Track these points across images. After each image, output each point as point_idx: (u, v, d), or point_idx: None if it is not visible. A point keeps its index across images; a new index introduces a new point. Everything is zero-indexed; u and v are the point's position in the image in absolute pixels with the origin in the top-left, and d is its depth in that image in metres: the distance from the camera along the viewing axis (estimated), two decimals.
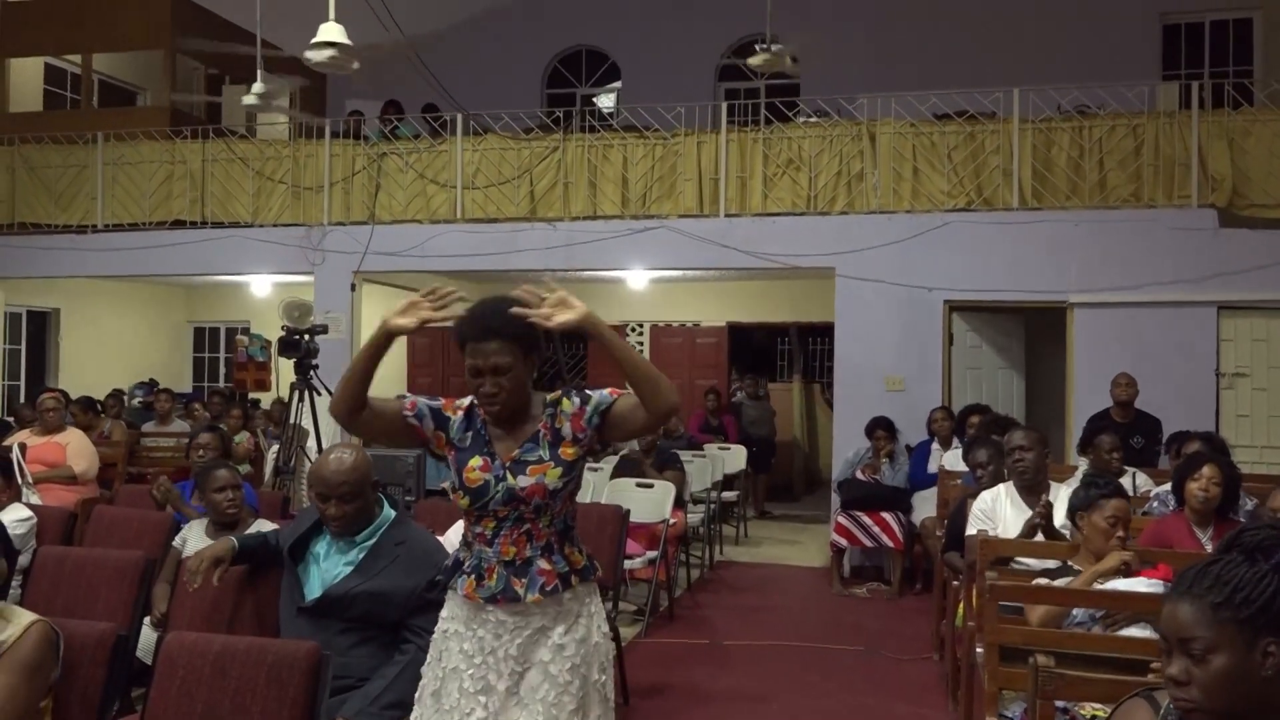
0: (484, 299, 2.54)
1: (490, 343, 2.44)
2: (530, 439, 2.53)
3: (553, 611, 2.49)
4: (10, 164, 10.63)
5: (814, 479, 12.53)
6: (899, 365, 8.37)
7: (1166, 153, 8.15)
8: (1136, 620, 3.18)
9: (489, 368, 2.45)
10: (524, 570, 2.47)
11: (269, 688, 2.55)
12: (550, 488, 2.48)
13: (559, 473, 2.50)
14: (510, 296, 2.49)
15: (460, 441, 2.57)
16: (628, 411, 2.52)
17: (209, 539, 4.26)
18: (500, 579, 2.47)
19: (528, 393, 2.56)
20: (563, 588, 2.49)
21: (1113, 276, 7.98)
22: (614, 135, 9.55)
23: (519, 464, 2.49)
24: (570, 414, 2.53)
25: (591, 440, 2.55)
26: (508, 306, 2.46)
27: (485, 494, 2.48)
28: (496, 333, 2.44)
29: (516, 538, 2.49)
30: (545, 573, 2.48)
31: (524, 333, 2.46)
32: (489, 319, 2.47)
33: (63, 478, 6.51)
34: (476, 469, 2.50)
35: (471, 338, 2.47)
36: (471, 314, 2.51)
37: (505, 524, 2.49)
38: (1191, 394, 7.71)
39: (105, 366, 11.82)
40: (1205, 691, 1.71)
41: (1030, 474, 4.54)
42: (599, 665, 2.54)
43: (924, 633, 6.13)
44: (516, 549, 2.48)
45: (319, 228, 9.77)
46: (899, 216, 8.51)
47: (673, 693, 5.16)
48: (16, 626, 2.44)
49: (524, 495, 2.47)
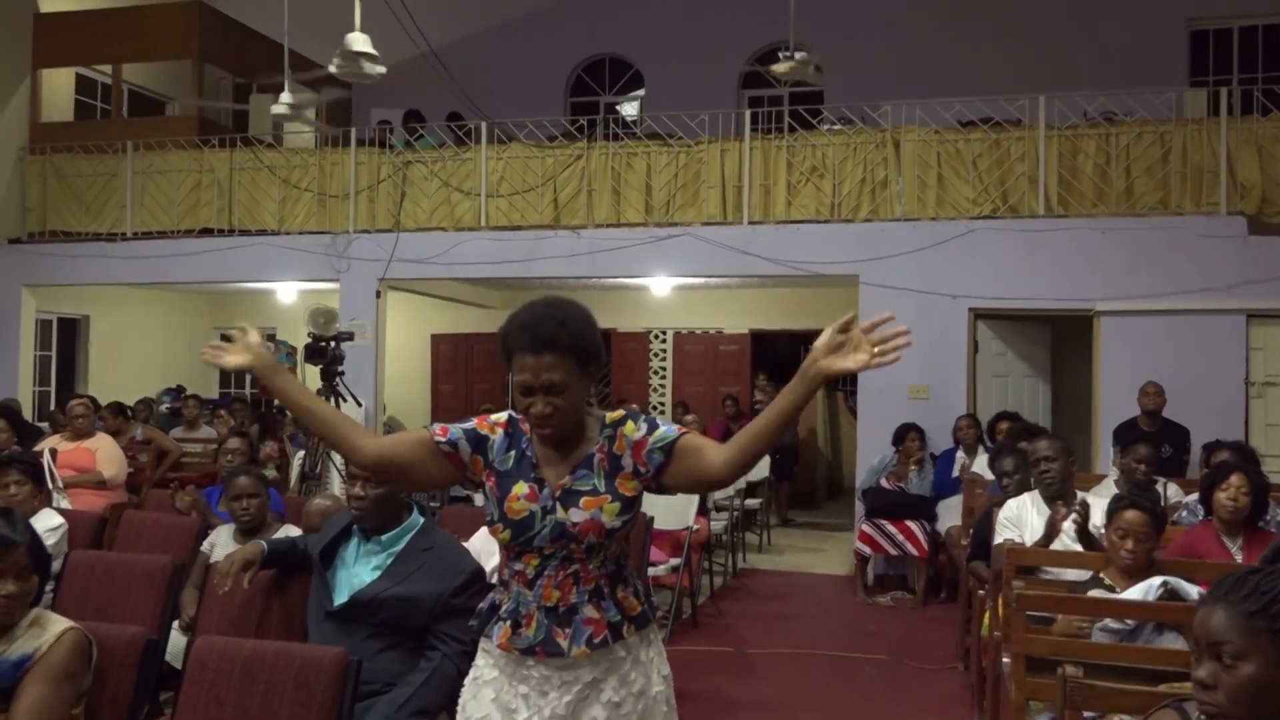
0: (533, 303, 2.20)
1: (544, 355, 2.09)
2: (584, 464, 2.18)
3: (604, 664, 2.17)
4: (42, 173, 10.78)
5: (837, 487, 12.49)
6: (923, 373, 8.33)
7: (1195, 160, 8.09)
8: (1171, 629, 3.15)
9: (541, 385, 2.10)
10: (568, 619, 2.15)
11: (297, 692, 2.56)
12: (607, 526, 2.14)
13: (616, 509, 2.15)
14: (562, 299, 2.20)
15: (501, 463, 2.22)
16: (692, 451, 2.15)
17: (236, 543, 4.30)
18: (540, 627, 2.15)
19: (583, 412, 2.21)
20: (613, 639, 2.16)
21: (1140, 284, 7.91)
22: (637, 143, 9.57)
23: (571, 494, 2.15)
24: (633, 441, 2.18)
25: (651, 479, 2.18)
26: (562, 311, 2.15)
27: (530, 527, 2.15)
28: (551, 344, 2.10)
29: (562, 580, 2.15)
30: (593, 622, 2.15)
31: (583, 343, 2.14)
32: (542, 327, 2.12)
33: (92, 482, 6.58)
34: (521, 498, 2.16)
35: (521, 349, 2.13)
36: (520, 321, 2.16)
37: (550, 563, 2.16)
38: (1220, 403, 7.63)
39: (133, 373, 11.95)
40: (1230, 697, 1.73)
41: (1056, 484, 4.51)
42: (661, 716, 2.26)
43: (948, 642, 6.09)
44: (561, 593, 2.15)
45: (344, 235, 9.84)
46: (923, 224, 8.48)
47: (696, 701, 5.15)
48: (50, 634, 2.47)
49: (576, 532, 2.13)
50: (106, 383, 11.40)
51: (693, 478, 2.18)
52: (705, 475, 2.16)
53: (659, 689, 2.25)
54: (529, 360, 2.11)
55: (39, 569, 2.53)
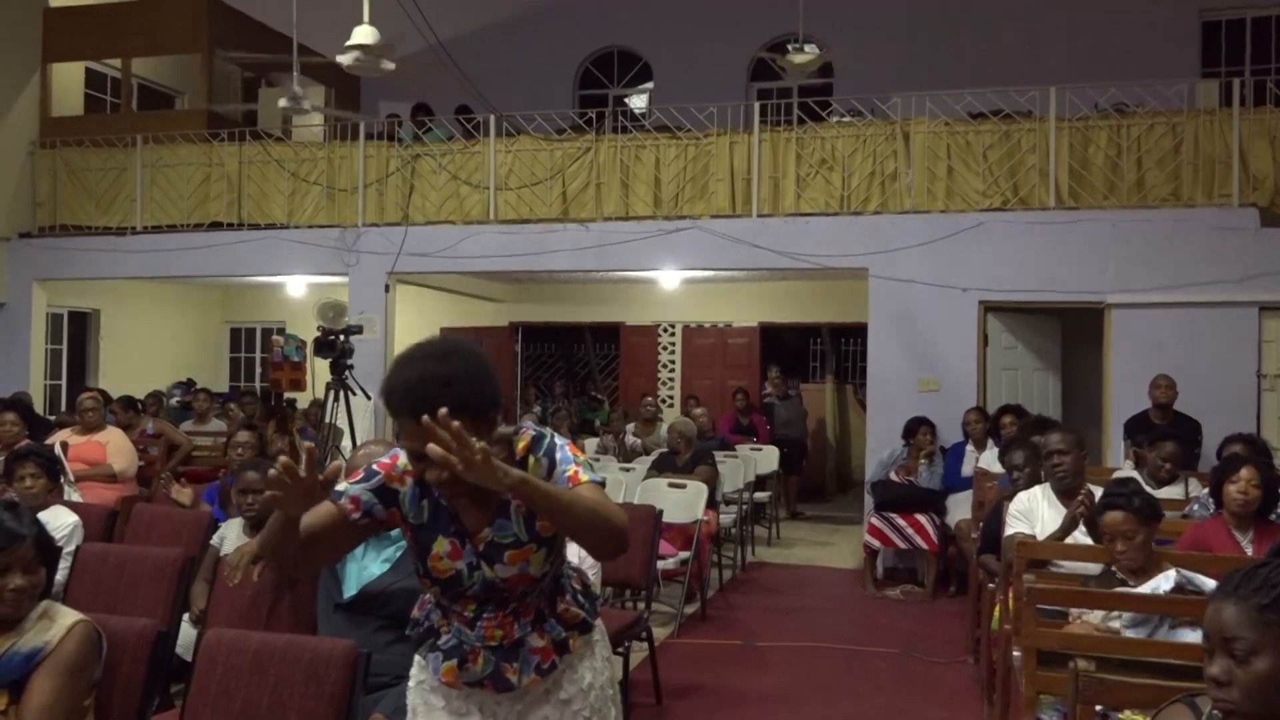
0: (410, 356, 1.97)
1: None
2: (500, 512, 2.05)
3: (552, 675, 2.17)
4: (52, 167, 10.81)
5: (846, 480, 12.47)
6: (933, 366, 8.31)
7: (1206, 151, 8.04)
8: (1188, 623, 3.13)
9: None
10: (514, 652, 2.11)
11: (307, 685, 2.57)
12: (536, 575, 2.08)
13: (542, 556, 2.08)
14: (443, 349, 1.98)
15: (415, 517, 2.08)
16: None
17: (246, 537, 4.31)
18: (488, 663, 2.10)
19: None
20: (560, 657, 2.14)
21: (1151, 277, 7.87)
22: (646, 136, 9.55)
23: (495, 548, 2.04)
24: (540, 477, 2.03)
25: None
26: (444, 368, 1.92)
27: (459, 584, 2.07)
28: (431, 406, 1.80)
29: (502, 620, 2.10)
30: (539, 650, 2.12)
31: (474, 400, 1.92)
32: (421, 391, 1.89)
33: (103, 476, 6.60)
34: (444, 556, 2.05)
35: (401, 415, 1.92)
36: (400, 381, 1.93)
37: (487, 607, 2.10)
38: (1231, 396, 7.59)
39: (144, 366, 11.99)
40: (1245, 693, 1.71)
41: (1069, 477, 4.48)
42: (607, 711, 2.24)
43: (958, 635, 6.08)
44: (504, 631, 2.10)
45: (353, 229, 9.84)
46: (933, 216, 8.45)
47: (705, 693, 5.15)
48: (60, 627, 2.47)
49: (506, 587, 2.07)
50: (117, 376, 11.43)
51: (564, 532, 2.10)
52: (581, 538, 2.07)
53: (604, 683, 2.24)
54: (414, 428, 1.86)
55: (46, 562, 2.53)
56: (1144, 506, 3.55)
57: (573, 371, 14.23)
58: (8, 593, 2.42)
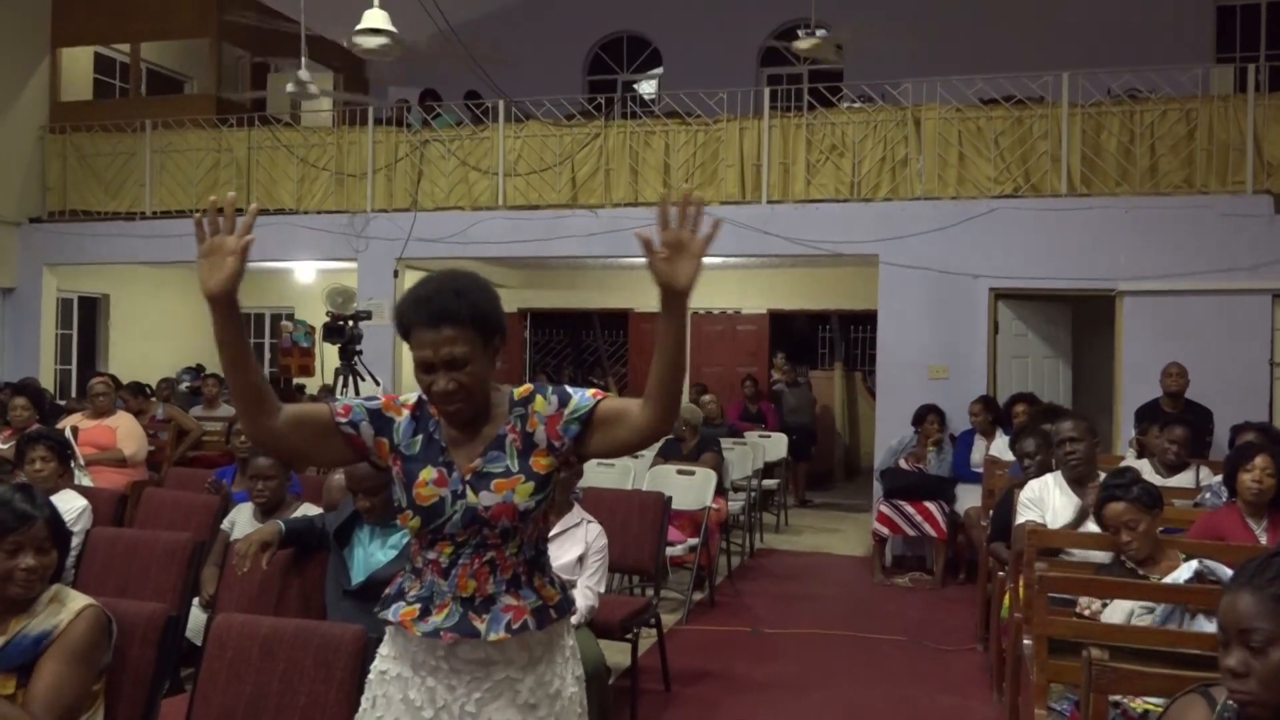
0: (429, 275, 2.08)
1: (443, 329, 1.97)
2: (494, 445, 2.07)
3: (520, 659, 2.07)
4: (62, 152, 10.82)
5: (855, 467, 12.46)
6: (942, 353, 8.27)
7: (1220, 137, 7.97)
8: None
9: (442, 360, 1.97)
10: (485, 607, 2.05)
11: (316, 670, 2.57)
12: (520, 508, 2.04)
13: (530, 489, 2.05)
14: (460, 271, 2.09)
15: (407, 448, 2.09)
16: (614, 418, 2.05)
17: (256, 522, 4.32)
18: (452, 614, 2.04)
19: (489, 389, 2.08)
20: (535, 625, 2.06)
21: (1163, 264, 7.82)
22: (656, 121, 9.52)
23: (482, 477, 2.04)
24: (545, 416, 2.07)
25: (569, 452, 2.08)
26: (459, 282, 2.03)
27: (440, 514, 2.04)
28: (450, 316, 1.97)
29: (478, 569, 2.04)
30: (512, 608, 2.05)
31: (484, 314, 2.02)
32: (438, 299, 2.00)
33: (113, 460, 6.62)
34: (430, 483, 2.05)
35: (418, 324, 2.00)
36: (416, 295, 2.04)
37: (464, 550, 2.05)
38: (1244, 384, 7.54)
39: (153, 351, 12.01)
40: (1264, 684, 1.69)
41: (1081, 465, 4.47)
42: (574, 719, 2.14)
43: (967, 623, 6.07)
44: (477, 583, 2.05)
45: (362, 214, 9.83)
46: (944, 203, 8.40)
47: (713, 680, 5.16)
48: (69, 611, 2.47)
49: (488, 516, 2.02)
50: (126, 361, 11.46)
51: (620, 440, 2.06)
52: (634, 434, 2.04)
53: (573, 690, 2.14)
54: (427, 335, 1.98)
55: (58, 543, 2.52)
56: (1143, 495, 3.54)
57: (581, 358, 14.23)
58: (19, 573, 2.42)
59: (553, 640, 2.12)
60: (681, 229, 1.93)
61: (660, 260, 1.93)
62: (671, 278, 1.93)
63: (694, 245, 1.93)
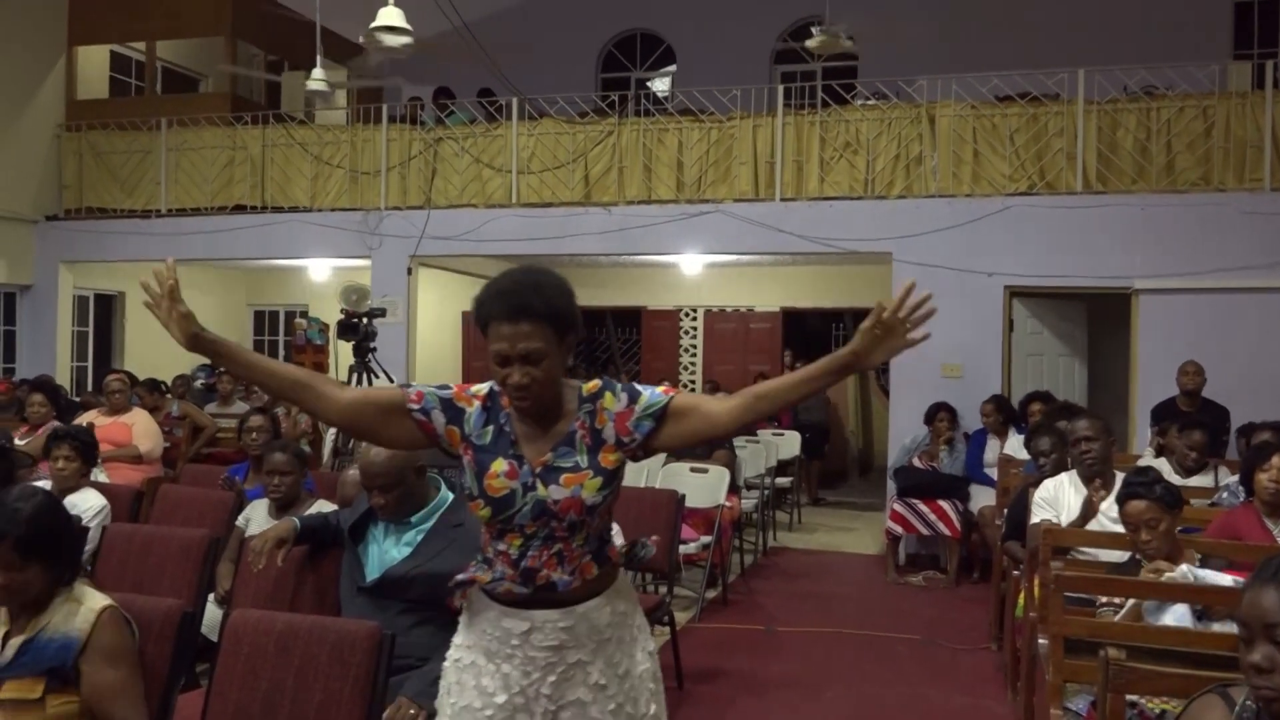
0: (509, 271, 2.16)
1: (521, 324, 2.04)
2: (564, 440, 2.14)
3: (590, 643, 2.14)
4: (78, 150, 10.88)
5: (868, 465, 12.43)
6: (957, 352, 8.24)
7: (1238, 134, 7.92)
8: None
9: (518, 354, 2.05)
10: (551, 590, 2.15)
11: (332, 666, 2.57)
12: (588, 503, 2.10)
13: (598, 484, 2.11)
14: (539, 268, 2.17)
15: (479, 438, 2.16)
16: (687, 410, 2.13)
17: (271, 519, 4.33)
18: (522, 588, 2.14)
19: (561, 384, 2.16)
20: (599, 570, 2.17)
21: (1180, 262, 7.77)
22: (669, 119, 9.50)
23: (551, 471, 2.11)
24: (615, 413, 2.13)
25: (638, 447, 2.15)
26: (538, 279, 2.12)
27: (510, 505, 2.11)
28: (527, 311, 2.05)
29: (546, 560, 2.12)
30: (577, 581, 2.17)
31: (561, 311, 2.09)
32: (517, 294, 2.08)
33: (129, 457, 6.65)
34: (501, 475, 2.12)
35: (496, 318, 2.08)
36: (496, 289, 2.11)
37: (533, 542, 2.12)
38: (1261, 383, 7.48)
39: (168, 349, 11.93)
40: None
41: (1096, 464, 4.45)
42: (646, 697, 2.21)
43: (981, 622, 6.05)
44: (546, 572, 2.14)
45: (376, 212, 9.85)
46: (958, 200, 8.37)
47: (726, 678, 5.15)
48: (87, 610, 2.45)
49: (556, 510, 2.09)
50: (142, 358, 11.51)
51: (691, 430, 2.14)
52: (708, 430, 2.14)
53: (644, 666, 2.22)
54: (505, 329, 2.06)
55: (41, 555, 2.41)
56: (1165, 494, 3.52)
57: (594, 356, 14.21)
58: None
59: (622, 620, 2.19)
60: (903, 319, 2.01)
61: (871, 331, 2.01)
62: (869, 351, 2.03)
63: (902, 339, 2.03)
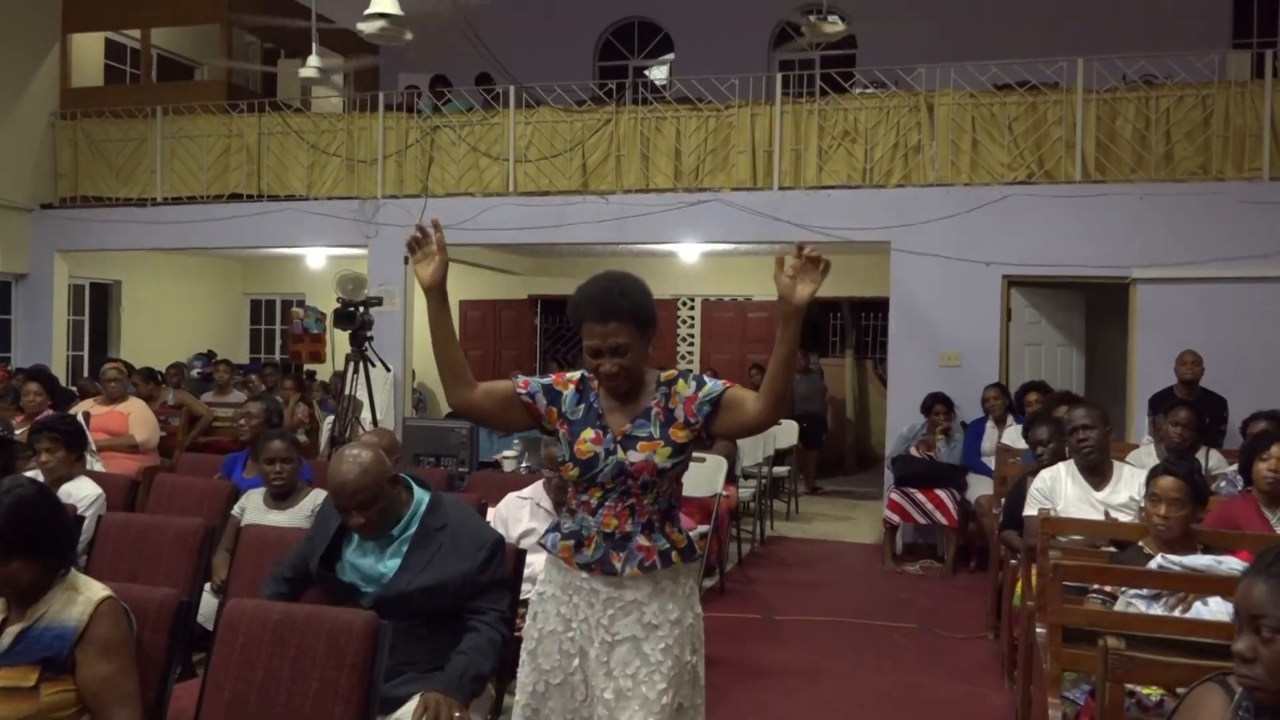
0: (597, 277, 2.54)
1: (610, 323, 2.45)
2: (643, 415, 2.54)
3: (647, 588, 2.49)
4: (73, 138, 10.83)
5: (866, 455, 12.43)
6: (955, 341, 8.24)
7: (1237, 124, 7.91)
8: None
9: (609, 348, 2.46)
10: (623, 544, 2.49)
11: (328, 656, 2.57)
12: (659, 466, 2.49)
13: (668, 452, 2.51)
14: (623, 274, 2.54)
15: (572, 414, 2.59)
16: (737, 403, 2.50)
17: (267, 508, 4.32)
18: (599, 549, 2.50)
19: (643, 370, 2.57)
20: (661, 565, 2.49)
21: (1178, 251, 7.76)
22: (667, 107, 9.47)
23: (630, 439, 2.51)
24: (685, 397, 2.54)
25: (700, 428, 2.53)
26: (623, 284, 2.49)
27: (595, 466, 2.50)
28: (616, 313, 2.45)
29: (620, 511, 2.50)
30: (644, 549, 2.49)
31: (643, 311, 2.49)
32: (607, 299, 2.47)
33: (125, 446, 6.64)
34: (588, 441, 2.52)
35: (590, 318, 2.48)
36: (588, 294, 2.51)
37: (611, 495, 2.51)
38: (1259, 372, 7.49)
39: (165, 337, 12.05)
40: (1269, 671, 1.73)
41: (1094, 453, 4.45)
42: (691, 646, 2.55)
43: (978, 611, 6.06)
44: (618, 522, 2.50)
45: (372, 201, 9.82)
46: (957, 189, 8.35)
47: (724, 666, 5.15)
48: (85, 600, 2.44)
49: (632, 470, 2.48)
50: (138, 347, 11.50)
51: (739, 424, 2.53)
52: (749, 421, 2.50)
53: (691, 621, 2.55)
54: (597, 328, 2.46)
55: (22, 550, 2.40)
56: (1200, 483, 3.57)
57: None
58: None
59: (676, 578, 2.54)
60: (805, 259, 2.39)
61: (787, 278, 2.38)
62: (793, 293, 2.36)
63: (815, 275, 2.38)
